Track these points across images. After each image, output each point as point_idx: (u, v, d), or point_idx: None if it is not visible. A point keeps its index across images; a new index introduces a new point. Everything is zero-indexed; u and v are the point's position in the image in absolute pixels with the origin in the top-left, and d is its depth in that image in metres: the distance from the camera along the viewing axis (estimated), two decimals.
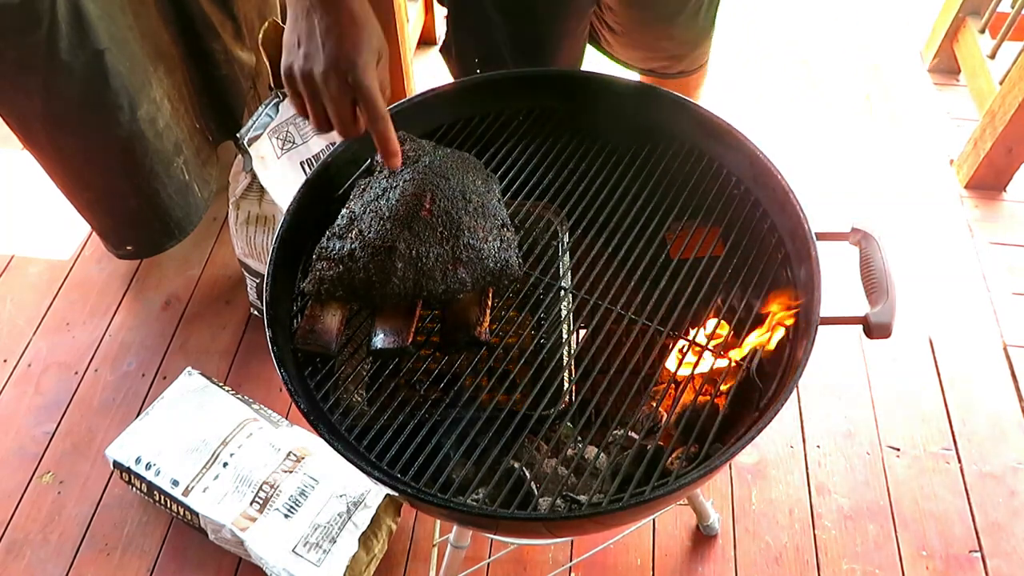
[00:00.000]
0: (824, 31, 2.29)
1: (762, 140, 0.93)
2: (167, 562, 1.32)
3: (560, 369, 0.87)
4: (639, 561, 1.30)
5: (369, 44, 0.72)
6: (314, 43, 0.72)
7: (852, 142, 1.97)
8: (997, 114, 1.71)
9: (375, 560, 1.28)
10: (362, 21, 0.73)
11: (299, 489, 1.26)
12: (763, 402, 0.80)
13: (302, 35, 0.73)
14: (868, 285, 0.84)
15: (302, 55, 0.73)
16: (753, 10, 2.34)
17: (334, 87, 0.72)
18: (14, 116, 1.33)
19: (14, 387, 1.54)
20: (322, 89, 0.73)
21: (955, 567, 1.29)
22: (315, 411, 0.77)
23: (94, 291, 1.69)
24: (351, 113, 0.75)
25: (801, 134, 1.99)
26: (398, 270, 0.79)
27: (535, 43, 1.21)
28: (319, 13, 0.71)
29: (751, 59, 2.20)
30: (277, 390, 1.52)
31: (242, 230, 1.41)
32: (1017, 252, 1.72)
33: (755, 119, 2.02)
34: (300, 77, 0.73)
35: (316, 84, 0.73)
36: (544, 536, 1.16)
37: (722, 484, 1.38)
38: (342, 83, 0.72)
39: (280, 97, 1.33)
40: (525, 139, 1.01)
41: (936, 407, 1.48)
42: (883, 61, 2.18)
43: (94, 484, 1.40)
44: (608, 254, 0.90)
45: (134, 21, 1.33)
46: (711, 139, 0.97)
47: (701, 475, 0.72)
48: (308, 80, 0.73)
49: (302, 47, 0.73)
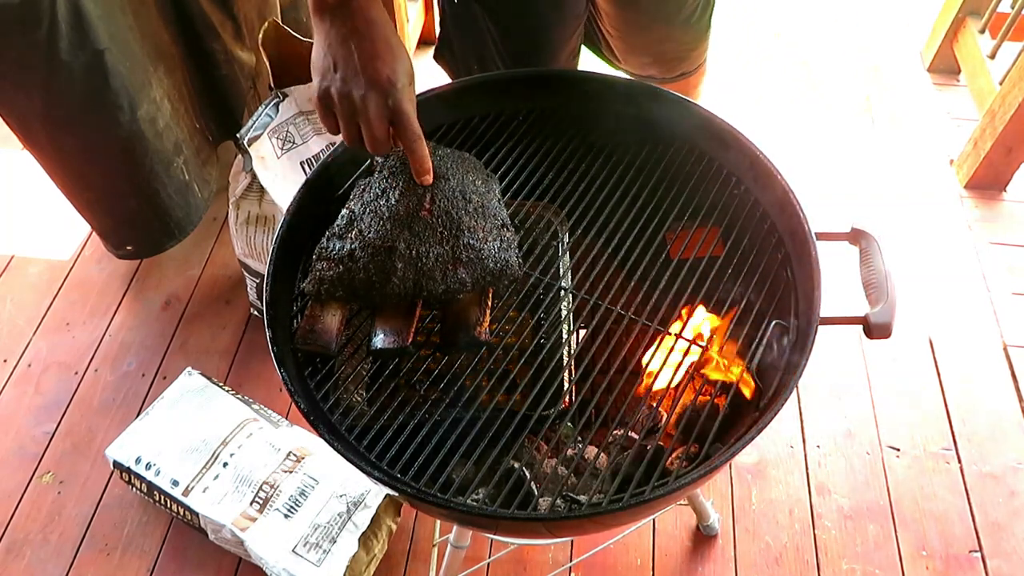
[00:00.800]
0: (824, 32, 2.29)
1: (762, 140, 0.93)
2: (167, 562, 1.32)
3: (560, 369, 0.87)
4: (639, 561, 1.31)
5: (405, 69, 0.77)
6: (352, 67, 0.75)
7: (852, 142, 1.97)
8: (997, 114, 1.71)
9: (375, 560, 1.28)
10: (397, 49, 0.77)
11: (299, 489, 1.26)
12: (763, 402, 0.80)
13: (339, 60, 0.76)
14: (868, 285, 0.84)
15: (339, 78, 0.76)
16: (753, 11, 2.34)
17: (373, 109, 0.76)
18: (14, 116, 1.33)
19: (14, 387, 1.54)
20: (360, 110, 0.76)
21: (955, 567, 1.29)
22: (315, 411, 0.77)
23: (94, 291, 1.69)
24: (386, 134, 0.78)
25: (801, 134, 1.99)
26: (398, 270, 0.79)
27: (529, 53, 1.22)
28: (356, 40, 0.75)
29: (751, 60, 2.20)
30: (277, 390, 1.52)
31: (242, 230, 1.41)
32: (1017, 252, 1.72)
33: (755, 119, 2.02)
34: (338, 99, 0.77)
35: (355, 105, 0.76)
36: (544, 536, 1.16)
37: (722, 484, 1.38)
38: (381, 106, 0.76)
39: (280, 97, 1.33)
40: (525, 139, 1.01)
41: (936, 407, 1.48)
42: (883, 61, 2.19)
43: (94, 484, 1.40)
44: (608, 254, 0.90)
45: (134, 21, 1.33)
46: (711, 139, 0.97)
47: (701, 475, 0.72)
48: (346, 102, 0.76)
49: (339, 71, 0.76)
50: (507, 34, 1.20)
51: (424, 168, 0.82)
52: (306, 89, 1.35)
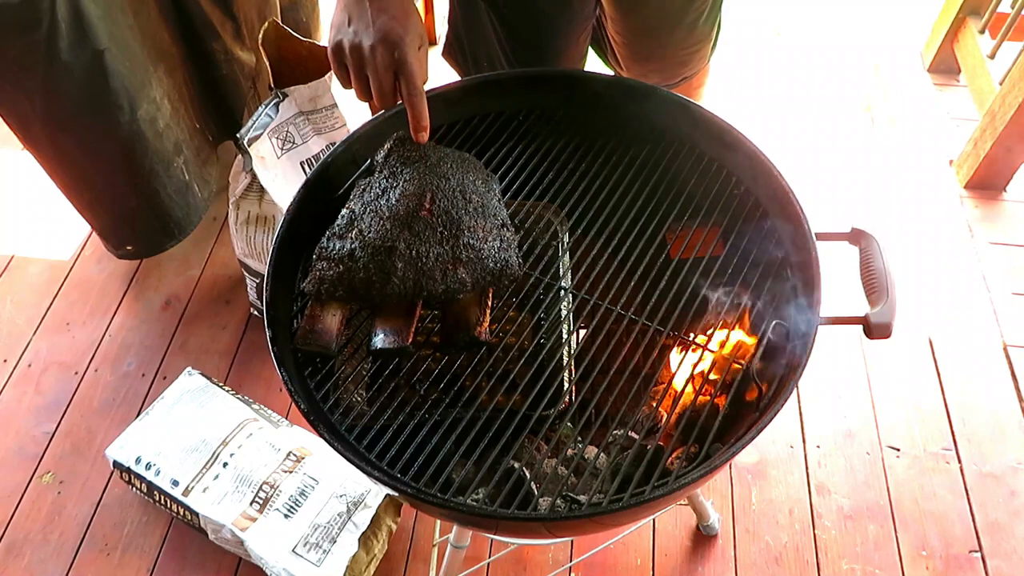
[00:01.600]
0: (824, 31, 2.29)
1: (762, 140, 0.93)
2: (167, 562, 1.32)
3: (560, 369, 0.87)
4: (639, 561, 1.30)
5: (415, 28, 0.82)
6: (365, 21, 0.81)
7: (852, 142, 1.97)
8: (997, 114, 1.71)
9: (375, 560, 1.28)
10: (410, 9, 0.83)
11: (299, 489, 1.26)
12: (763, 402, 0.80)
13: (354, 15, 0.82)
14: (868, 285, 0.84)
15: (352, 31, 0.82)
16: (753, 11, 2.34)
17: (380, 59, 0.81)
18: (14, 116, 1.33)
19: (14, 387, 1.54)
20: (368, 60, 0.82)
21: (955, 567, 1.29)
22: (315, 411, 0.77)
23: (94, 291, 1.69)
24: (392, 85, 0.83)
25: (801, 134, 1.99)
26: (398, 270, 0.79)
27: (536, 54, 1.22)
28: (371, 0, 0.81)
29: (751, 60, 2.20)
30: (277, 390, 1.52)
31: (242, 230, 1.41)
32: (1017, 252, 1.72)
33: (755, 119, 2.02)
34: (349, 49, 0.82)
35: (364, 56, 0.82)
36: (544, 536, 1.16)
37: (722, 484, 1.38)
38: (388, 57, 0.81)
39: (280, 97, 1.33)
40: (525, 139, 1.01)
41: (936, 407, 1.48)
42: (883, 61, 2.18)
43: (94, 484, 1.40)
44: (608, 254, 0.90)
45: (134, 21, 1.33)
46: (711, 139, 0.97)
47: (701, 475, 0.72)
48: (357, 52, 0.82)
49: (352, 25, 0.82)
50: (514, 35, 1.20)
51: (421, 125, 0.85)
52: (306, 89, 1.35)
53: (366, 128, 0.96)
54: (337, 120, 1.41)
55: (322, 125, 1.40)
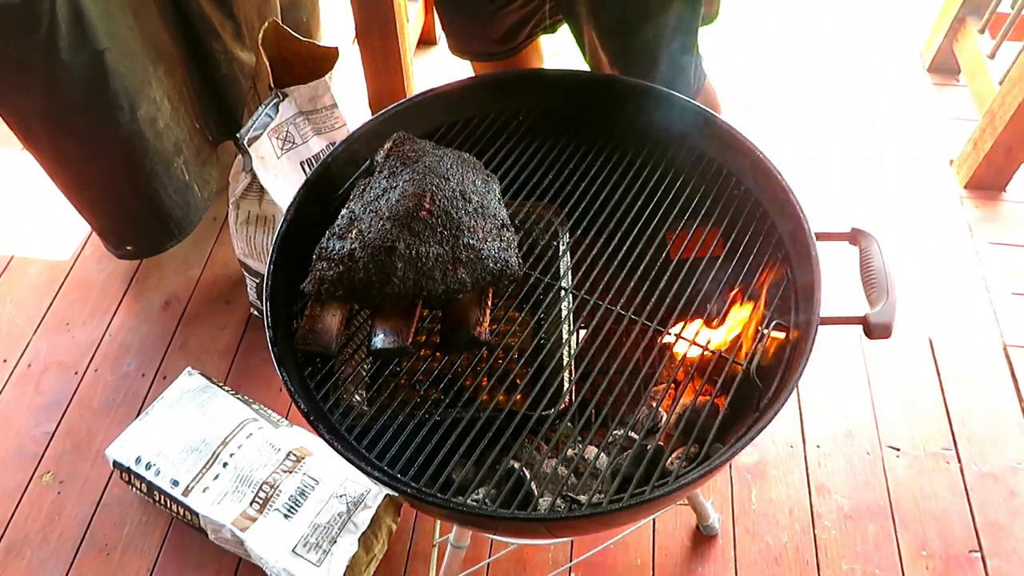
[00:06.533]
0: (824, 31, 2.29)
1: (762, 141, 0.93)
2: (167, 562, 1.32)
3: (560, 369, 0.87)
4: (639, 561, 1.30)
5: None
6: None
7: (852, 142, 1.97)
8: (997, 114, 1.71)
9: (375, 560, 1.28)
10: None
11: (299, 489, 1.26)
12: (763, 402, 0.80)
13: None
14: (868, 285, 0.84)
15: None
16: (753, 11, 2.34)
17: None
18: (14, 116, 1.33)
19: (14, 387, 1.54)
20: None
21: (955, 567, 1.29)
22: (315, 411, 0.78)
23: (94, 291, 1.69)
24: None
25: (801, 134, 1.99)
26: (398, 270, 0.79)
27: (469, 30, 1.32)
28: None
29: (751, 60, 2.20)
30: (277, 390, 1.52)
31: (242, 230, 1.41)
32: (1017, 252, 1.72)
33: (755, 119, 2.02)
34: None
35: None
36: (544, 536, 1.16)
37: (722, 484, 1.38)
38: None
39: (280, 97, 1.33)
40: (525, 139, 1.01)
41: (936, 407, 1.48)
42: (883, 61, 2.19)
43: (94, 484, 1.40)
44: (608, 254, 0.90)
45: (134, 21, 1.33)
46: (711, 140, 0.97)
47: (701, 475, 0.72)
48: None
49: None
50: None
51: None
52: (306, 89, 1.35)
53: (366, 128, 0.96)
54: (337, 120, 1.41)
55: (322, 125, 1.40)
